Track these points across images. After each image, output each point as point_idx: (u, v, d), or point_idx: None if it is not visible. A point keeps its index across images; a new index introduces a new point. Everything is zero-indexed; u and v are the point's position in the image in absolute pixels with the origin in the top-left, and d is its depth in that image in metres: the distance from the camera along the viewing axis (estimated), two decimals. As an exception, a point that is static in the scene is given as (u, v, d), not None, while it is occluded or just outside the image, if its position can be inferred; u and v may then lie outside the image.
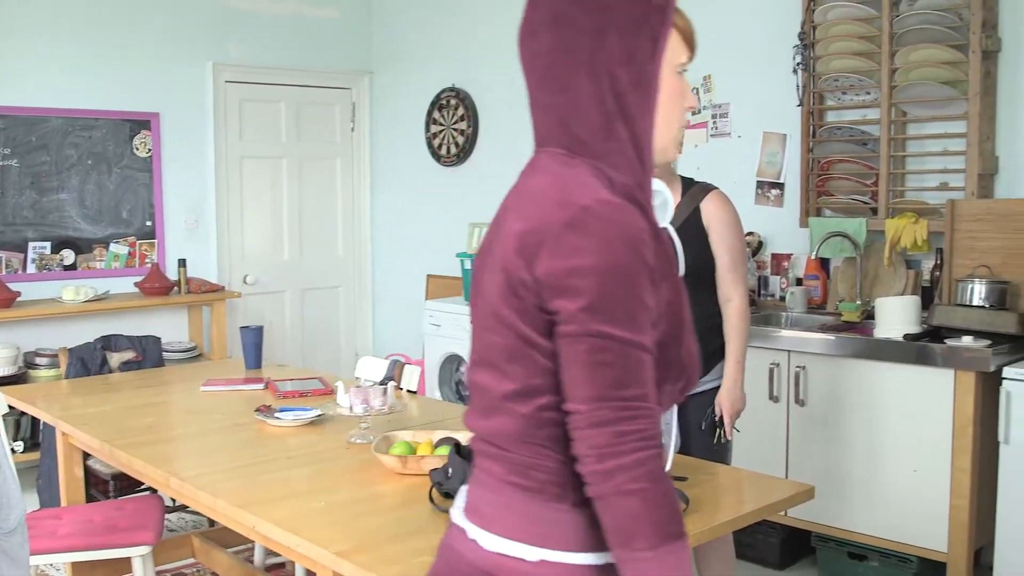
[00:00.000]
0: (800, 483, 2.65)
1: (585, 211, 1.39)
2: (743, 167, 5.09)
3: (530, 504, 1.46)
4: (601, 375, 1.36)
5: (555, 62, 1.51)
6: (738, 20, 5.08)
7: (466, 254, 5.72)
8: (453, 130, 6.58)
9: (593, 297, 1.36)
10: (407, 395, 3.72)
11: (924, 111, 4.46)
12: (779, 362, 4.17)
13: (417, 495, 2.49)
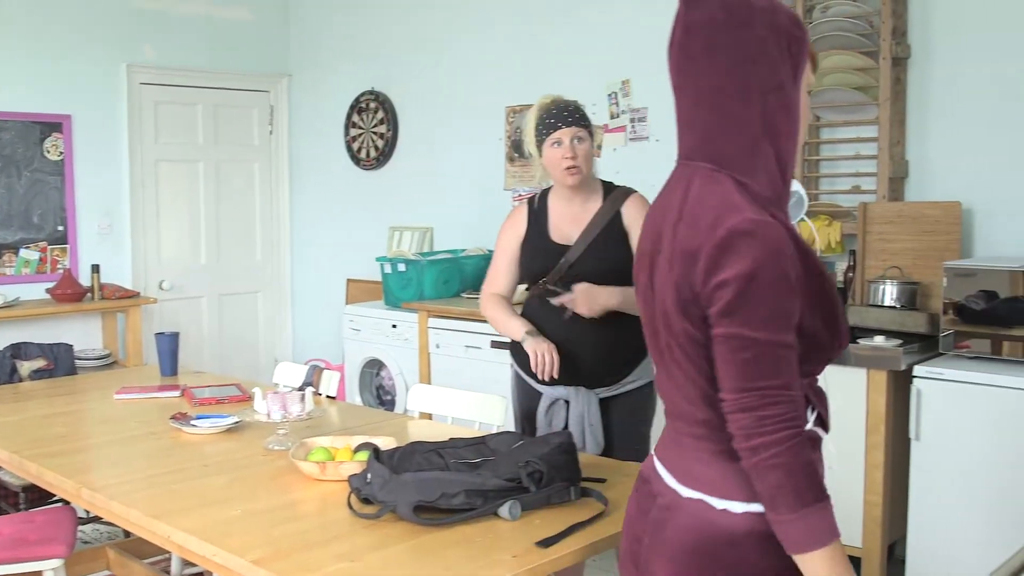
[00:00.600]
0: (717, 483, 2.67)
1: (732, 233, 1.61)
2: (661, 170, 5.10)
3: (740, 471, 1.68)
4: (742, 369, 1.62)
5: (709, 86, 1.70)
6: (656, 25, 5.08)
7: (386, 258, 5.69)
8: (373, 133, 6.55)
9: (736, 305, 1.60)
10: (326, 401, 3.69)
11: (837, 116, 4.55)
12: (697, 363, 4.21)
13: (336, 501, 2.47)
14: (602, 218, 3.24)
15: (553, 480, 2.38)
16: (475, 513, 2.28)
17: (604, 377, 3.26)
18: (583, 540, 2.20)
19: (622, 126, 5.30)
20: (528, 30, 5.68)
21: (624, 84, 5.28)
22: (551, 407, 3.27)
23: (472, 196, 6.02)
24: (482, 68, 5.93)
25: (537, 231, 3.32)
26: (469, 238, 5.92)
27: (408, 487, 2.28)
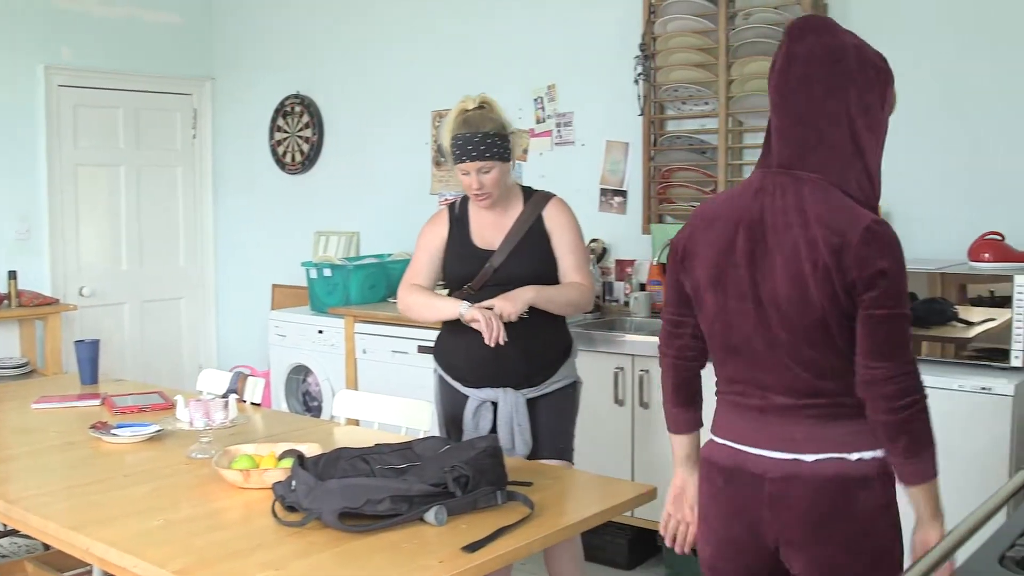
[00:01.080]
0: (643, 484, 2.70)
1: (871, 231, 1.96)
2: (587, 175, 5.17)
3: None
4: (902, 341, 1.98)
5: (806, 109, 2.04)
6: (581, 31, 5.16)
7: (312, 263, 5.64)
8: (298, 137, 6.49)
9: (894, 289, 1.95)
10: (251, 408, 3.65)
11: (759, 121, 4.61)
12: (623, 366, 4.25)
13: (260, 509, 2.44)
14: (524, 222, 3.29)
15: (479, 484, 2.38)
16: (401, 519, 2.27)
17: (531, 377, 3.28)
18: (510, 544, 2.21)
19: (548, 130, 5.32)
20: (454, 34, 5.68)
21: (550, 89, 5.30)
22: (478, 409, 3.28)
23: (398, 200, 6.00)
24: (408, 72, 5.91)
25: (459, 237, 3.34)
26: (395, 243, 5.90)
27: (333, 494, 2.27)
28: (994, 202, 4.06)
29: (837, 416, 2.05)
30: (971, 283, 3.65)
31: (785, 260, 2.01)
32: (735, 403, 2.17)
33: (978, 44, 4.08)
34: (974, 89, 4.07)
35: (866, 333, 1.98)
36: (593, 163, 5.17)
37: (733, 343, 2.13)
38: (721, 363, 2.20)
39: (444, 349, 3.41)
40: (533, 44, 5.35)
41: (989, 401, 3.45)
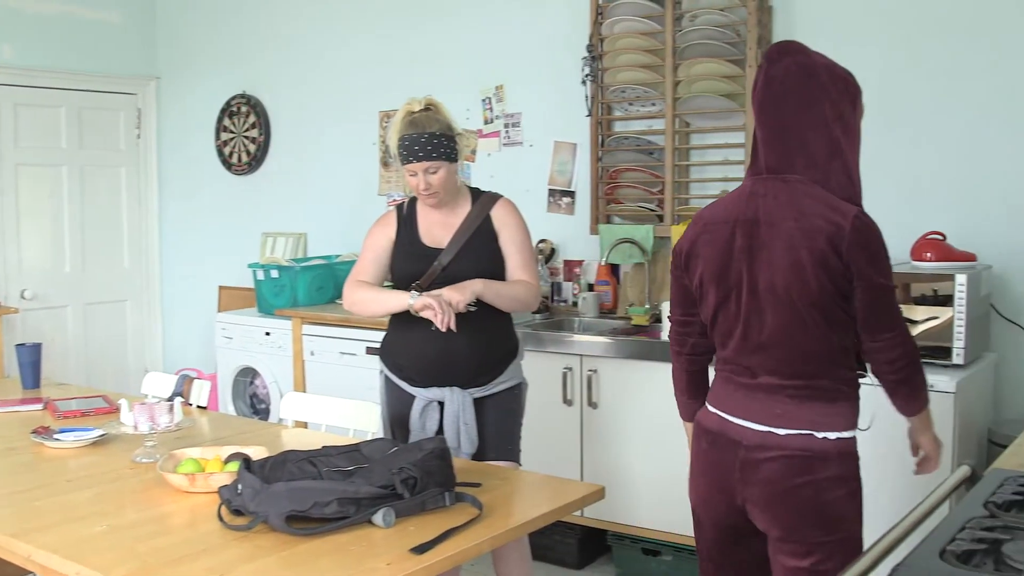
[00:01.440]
0: (591, 484, 2.70)
1: (858, 218, 2.28)
2: (535, 175, 5.18)
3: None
4: (896, 311, 2.34)
5: (790, 119, 2.34)
6: (529, 32, 5.16)
7: (259, 264, 5.60)
8: (244, 138, 6.44)
9: (883, 267, 2.30)
10: (197, 411, 3.61)
11: (706, 122, 4.65)
12: (572, 366, 4.26)
13: (206, 513, 2.42)
14: (472, 222, 3.32)
15: (427, 486, 2.37)
16: (348, 521, 2.26)
17: (477, 377, 3.29)
18: (458, 545, 2.20)
19: (496, 131, 5.32)
20: (402, 34, 5.66)
21: (498, 89, 5.30)
22: (425, 409, 3.29)
23: (346, 201, 5.97)
24: (355, 72, 5.88)
25: (408, 236, 3.35)
26: (343, 244, 5.87)
27: (280, 497, 2.25)
28: (935, 203, 4.12)
29: (812, 398, 2.35)
30: (914, 282, 3.70)
31: (782, 250, 2.31)
32: (728, 379, 2.48)
33: (918, 50, 4.14)
34: (915, 93, 4.14)
35: (865, 305, 2.30)
36: (541, 164, 5.18)
37: (730, 330, 2.43)
38: (721, 346, 2.50)
39: (390, 349, 3.40)
40: (481, 45, 5.35)
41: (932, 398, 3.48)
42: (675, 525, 4.08)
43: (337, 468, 2.56)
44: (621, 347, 4.18)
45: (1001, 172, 3.98)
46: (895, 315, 2.34)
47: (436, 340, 3.18)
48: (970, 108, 4.05)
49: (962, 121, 4.07)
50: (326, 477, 2.49)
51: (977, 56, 4.02)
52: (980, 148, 4.04)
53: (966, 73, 4.04)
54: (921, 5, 4.13)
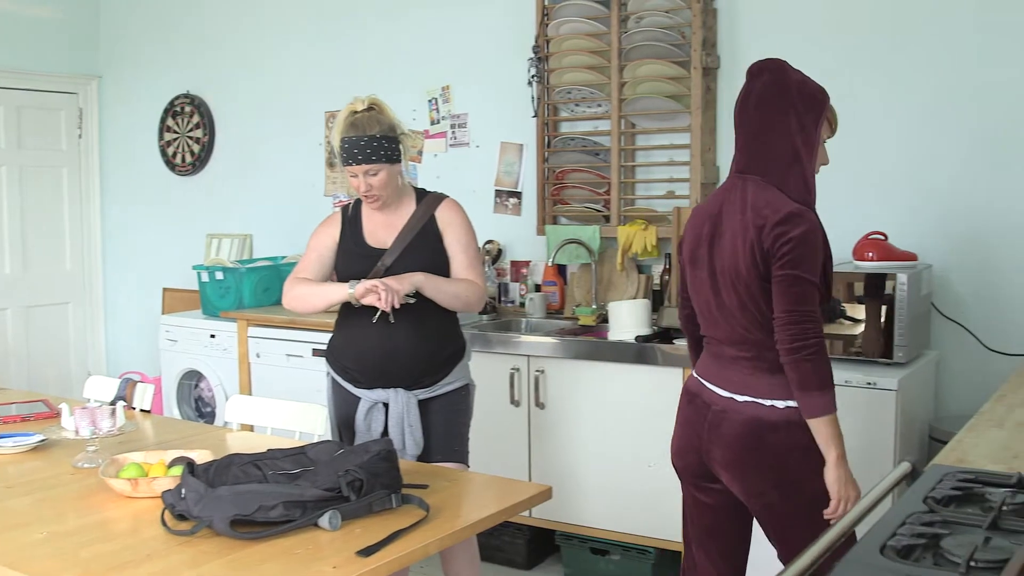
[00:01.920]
0: (539, 484, 2.71)
1: (789, 213, 2.53)
2: (482, 176, 5.18)
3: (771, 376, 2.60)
4: (793, 298, 2.50)
5: (758, 129, 2.64)
6: (476, 33, 5.16)
7: (203, 266, 5.54)
8: (188, 138, 6.37)
9: (794, 257, 2.50)
10: (140, 415, 3.57)
11: (651, 123, 4.67)
12: (519, 367, 4.26)
13: (149, 519, 2.39)
14: (416, 222, 3.31)
15: (374, 488, 2.36)
16: (294, 525, 2.25)
17: (422, 378, 3.29)
18: (405, 547, 2.20)
19: (442, 132, 5.31)
20: (348, 34, 5.63)
21: (444, 90, 5.30)
22: (370, 411, 3.28)
23: (292, 202, 5.93)
24: (301, 72, 5.84)
25: (352, 237, 3.35)
26: (289, 245, 5.83)
27: (224, 501, 2.23)
28: (877, 203, 4.18)
29: (760, 369, 2.60)
30: (857, 281, 3.75)
31: (730, 239, 2.61)
32: (707, 348, 2.79)
33: (860, 52, 4.19)
34: (857, 95, 4.19)
35: (776, 291, 2.53)
36: (488, 164, 5.18)
37: (702, 306, 2.73)
38: (699, 320, 2.79)
39: (336, 351, 3.39)
40: (427, 45, 5.34)
41: (874, 395, 3.55)
42: (623, 524, 4.10)
43: (283, 471, 2.55)
44: (568, 347, 4.19)
45: (942, 173, 4.04)
46: (799, 302, 2.51)
47: (380, 341, 3.20)
48: (911, 109, 4.11)
49: (904, 122, 4.13)
50: (271, 480, 2.48)
51: (918, 58, 4.08)
52: (921, 149, 4.10)
53: (907, 75, 4.10)
54: (863, 8, 4.18)
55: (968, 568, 1.40)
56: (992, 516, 1.61)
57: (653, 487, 4.02)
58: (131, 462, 2.69)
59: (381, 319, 3.15)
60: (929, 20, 4.05)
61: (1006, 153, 3.91)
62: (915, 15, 4.08)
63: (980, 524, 1.60)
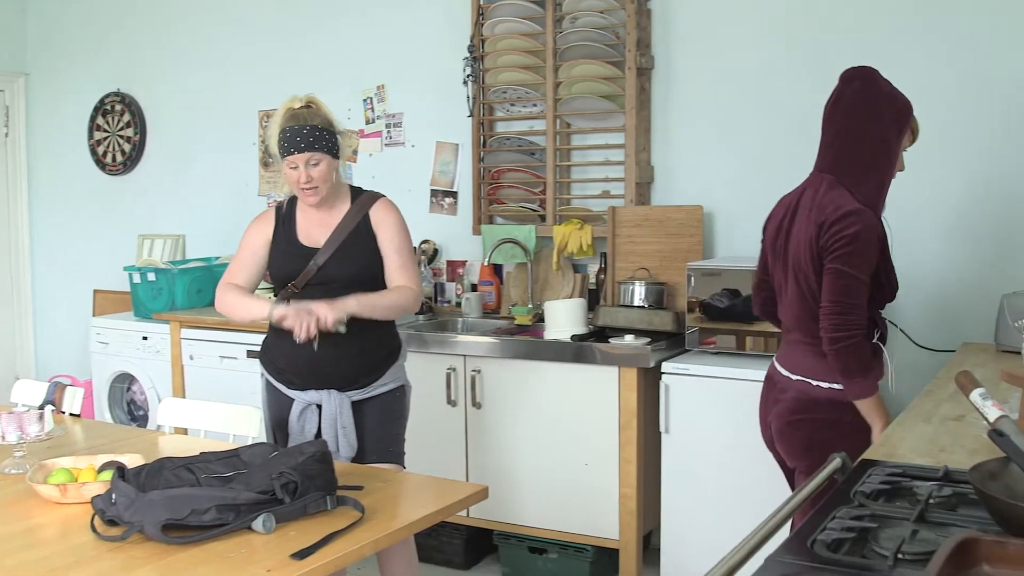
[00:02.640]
0: (475, 484, 2.71)
1: (847, 212, 2.72)
2: (417, 176, 5.16)
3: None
4: (838, 290, 2.72)
5: (843, 132, 2.85)
6: (411, 32, 5.14)
7: (135, 267, 5.46)
8: (119, 137, 6.27)
9: (844, 252, 2.71)
10: (70, 419, 3.51)
11: (586, 123, 4.69)
12: (456, 367, 4.26)
13: (79, 525, 2.35)
14: (350, 221, 3.28)
15: (308, 490, 2.34)
16: (227, 528, 2.22)
17: (356, 379, 3.27)
18: (340, 549, 2.18)
19: (378, 131, 5.29)
20: (282, 32, 5.58)
21: (379, 89, 5.27)
22: (303, 412, 3.26)
23: (225, 202, 5.86)
24: (234, 71, 5.78)
25: (285, 236, 3.31)
26: (223, 246, 5.76)
27: (155, 505, 2.20)
28: (808, 201, 4.23)
29: (816, 352, 2.82)
30: (788, 279, 3.79)
31: (796, 233, 2.86)
32: (782, 333, 3.08)
33: (793, 52, 4.25)
34: (791, 95, 4.24)
35: (824, 282, 2.75)
36: (423, 164, 5.16)
37: (778, 292, 3.01)
38: (778, 305, 3.04)
39: (269, 352, 3.37)
40: (362, 44, 5.31)
41: (806, 392, 3.59)
42: (561, 523, 4.12)
43: (216, 474, 2.52)
44: (505, 347, 4.20)
45: (870, 172, 4.11)
46: (844, 295, 2.72)
47: (312, 342, 3.15)
48: (840, 110, 4.17)
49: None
50: (204, 484, 2.45)
51: (848, 57, 4.14)
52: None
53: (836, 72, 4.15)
54: (794, 9, 4.24)
55: (896, 561, 1.43)
56: (919, 509, 1.64)
57: (590, 486, 4.04)
58: (60, 467, 2.65)
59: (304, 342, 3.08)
60: (861, 17, 4.11)
61: (928, 155, 3.98)
62: (846, 13, 4.14)
63: (908, 517, 1.62)
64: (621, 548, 4.02)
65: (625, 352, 3.93)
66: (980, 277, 3.93)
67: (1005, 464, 1.60)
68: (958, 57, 3.94)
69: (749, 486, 3.70)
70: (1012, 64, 3.86)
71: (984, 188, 3.94)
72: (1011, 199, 3.87)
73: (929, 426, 2.48)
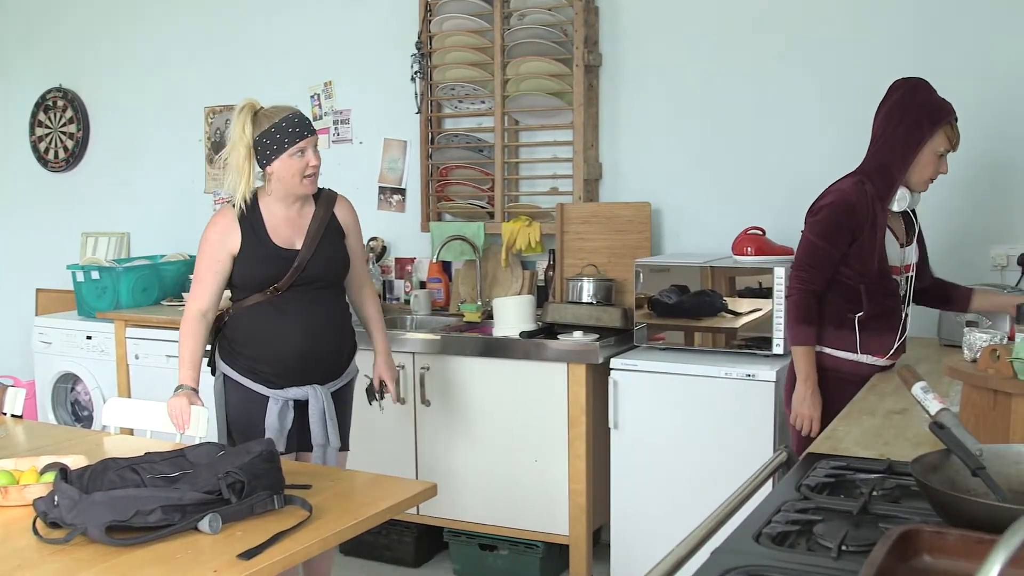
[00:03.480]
0: (424, 482, 2.70)
1: (827, 191, 3.15)
2: (365, 173, 5.14)
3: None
4: (800, 252, 3.17)
5: (874, 133, 3.17)
6: (358, 28, 5.12)
7: (78, 265, 5.38)
8: (61, 133, 6.18)
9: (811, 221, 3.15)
10: (11, 420, 3.45)
11: (534, 120, 4.70)
12: (404, 364, 4.24)
13: (21, 528, 2.30)
14: (322, 220, 3.31)
15: (255, 490, 2.32)
16: (173, 529, 2.19)
17: (336, 373, 3.37)
18: (288, 548, 2.16)
19: (325, 128, 5.26)
20: (228, 28, 5.53)
21: (327, 86, 5.24)
22: (282, 410, 3.26)
23: (171, 200, 5.80)
24: (179, 67, 5.72)
25: (256, 238, 3.22)
26: (168, 243, 5.70)
27: (99, 507, 2.16)
28: (755, 199, 4.27)
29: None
30: (738, 276, 3.83)
31: None
32: None
33: (738, 52, 4.28)
34: (735, 94, 4.28)
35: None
36: (371, 161, 5.14)
37: None
38: None
39: (243, 352, 3.28)
40: (309, 40, 5.27)
41: (754, 387, 3.63)
42: (511, 520, 4.12)
43: (161, 475, 2.49)
44: (453, 344, 4.19)
45: (815, 169, 4.14)
46: (798, 257, 3.18)
47: (303, 342, 3.23)
48: (788, 107, 4.22)
49: (780, 120, 4.23)
50: (149, 484, 2.42)
51: (792, 58, 4.19)
52: (797, 146, 4.21)
53: (782, 74, 4.21)
54: (741, 9, 4.27)
55: (840, 553, 1.44)
56: (863, 502, 1.66)
57: (540, 482, 4.04)
58: (1, 470, 2.60)
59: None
60: (803, 20, 4.16)
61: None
62: (790, 14, 4.18)
63: (852, 510, 1.64)
64: (571, 544, 4.03)
65: (574, 348, 3.93)
66: (923, 272, 3.99)
67: (946, 456, 1.63)
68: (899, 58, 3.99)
69: (698, 481, 3.73)
70: (959, 67, 3.92)
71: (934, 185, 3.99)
72: (959, 196, 3.93)
73: (874, 420, 2.51)
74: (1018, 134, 3.85)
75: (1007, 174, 3.88)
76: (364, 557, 4.48)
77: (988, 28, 3.87)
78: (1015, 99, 3.84)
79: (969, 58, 3.90)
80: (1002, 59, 3.85)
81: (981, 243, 3.93)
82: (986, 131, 3.84)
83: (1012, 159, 3.87)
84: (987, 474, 1.55)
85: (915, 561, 1.27)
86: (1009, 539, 0.87)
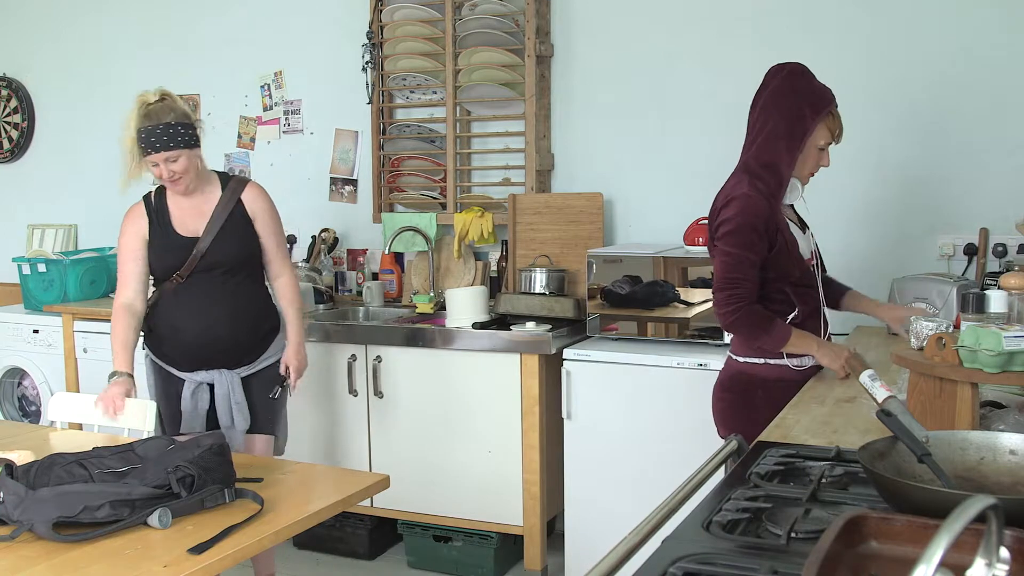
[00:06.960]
0: (376, 474, 2.70)
1: (730, 197, 2.87)
2: (317, 163, 5.11)
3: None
4: (721, 268, 2.87)
5: (755, 123, 2.96)
6: (309, 17, 5.08)
7: (24, 258, 5.29)
8: (5, 123, 6.07)
9: (723, 232, 2.87)
10: (-44, 416, 3.40)
11: (486, 110, 4.69)
12: (357, 355, 4.22)
13: (-35, 525, 2.27)
14: (225, 207, 3.38)
15: (205, 484, 2.30)
16: (122, 524, 2.17)
17: (243, 357, 3.42)
18: (239, 542, 2.15)
19: (276, 118, 5.21)
20: (176, 17, 5.46)
21: (277, 76, 5.20)
22: (195, 391, 3.37)
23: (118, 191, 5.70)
24: (127, 56, 5.64)
25: (161, 228, 3.37)
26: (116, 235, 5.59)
27: (46, 503, 2.14)
28: (704, 190, 4.28)
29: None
30: (690, 266, 3.85)
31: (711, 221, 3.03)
32: None
33: (688, 41, 4.30)
34: (686, 83, 4.30)
35: (713, 266, 2.93)
36: (323, 152, 5.11)
37: None
38: None
39: (156, 336, 3.45)
40: (259, 28, 5.22)
41: (706, 376, 3.64)
42: (465, 511, 4.12)
43: (110, 469, 2.46)
44: (406, 335, 4.18)
45: (765, 159, 4.18)
46: (723, 275, 2.85)
47: (199, 329, 3.32)
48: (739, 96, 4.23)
49: (731, 109, 4.24)
50: (98, 479, 2.39)
51: (742, 45, 4.21)
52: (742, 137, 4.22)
53: (732, 63, 4.23)
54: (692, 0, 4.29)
55: (789, 539, 1.45)
56: (812, 489, 1.68)
57: (494, 473, 4.05)
58: (-55, 466, 2.56)
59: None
60: (756, 12, 4.18)
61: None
62: (744, 7, 4.20)
63: (801, 497, 1.66)
64: (525, 534, 4.04)
65: (526, 339, 3.94)
66: (874, 262, 4.03)
67: (893, 443, 1.64)
68: (854, 49, 4.02)
69: (651, 470, 3.75)
70: (908, 58, 3.96)
71: (883, 176, 4.04)
72: (905, 187, 3.97)
73: (823, 408, 2.53)
74: (964, 124, 3.90)
75: (953, 164, 3.93)
76: (317, 550, 4.46)
77: (936, 19, 3.92)
78: (962, 88, 3.89)
79: (917, 49, 3.94)
80: (949, 49, 3.90)
81: (928, 232, 3.98)
82: (932, 121, 3.89)
83: (958, 149, 3.92)
84: (933, 460, 1.57)
85: (862, 547, 1.28)
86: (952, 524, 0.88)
